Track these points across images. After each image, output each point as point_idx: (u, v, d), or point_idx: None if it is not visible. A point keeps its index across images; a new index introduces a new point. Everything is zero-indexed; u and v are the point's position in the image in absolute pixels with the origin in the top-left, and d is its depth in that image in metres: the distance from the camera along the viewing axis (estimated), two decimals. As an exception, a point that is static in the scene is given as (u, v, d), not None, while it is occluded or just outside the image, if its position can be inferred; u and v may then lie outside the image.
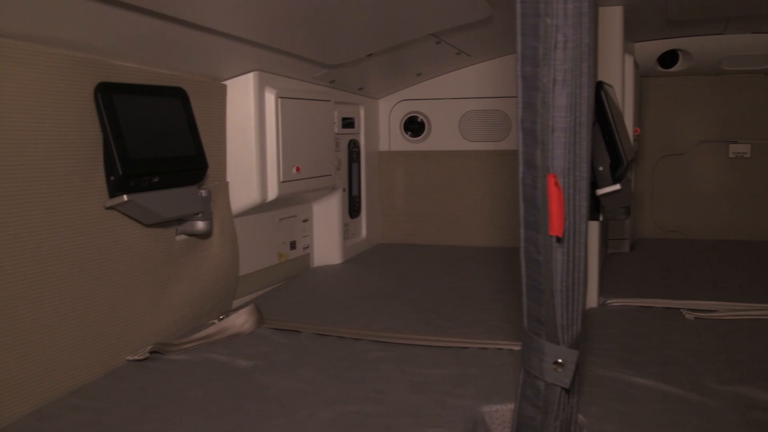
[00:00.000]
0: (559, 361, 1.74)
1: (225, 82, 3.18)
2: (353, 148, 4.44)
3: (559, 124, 1.59)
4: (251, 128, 3.23)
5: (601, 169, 2.83)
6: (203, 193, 2.86)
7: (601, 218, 3.17)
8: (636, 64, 4.39)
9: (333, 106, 3.98)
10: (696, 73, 5.06)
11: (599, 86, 2.80)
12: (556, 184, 1.58)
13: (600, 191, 2.87)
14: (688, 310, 3.18)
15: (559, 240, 1.65)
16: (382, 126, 4.93)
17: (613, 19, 3.52)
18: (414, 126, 4.92)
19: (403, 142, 4.94)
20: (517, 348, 2.59)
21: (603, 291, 3.43)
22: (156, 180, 2.57)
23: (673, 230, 5.26)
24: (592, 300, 3.26)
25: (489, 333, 2.86)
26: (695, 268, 4.15)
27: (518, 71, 1.63)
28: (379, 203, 4.94)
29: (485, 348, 2.68)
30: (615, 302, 3.33)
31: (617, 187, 2.85)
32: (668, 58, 4.95)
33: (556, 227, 1.61)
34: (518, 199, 1.70)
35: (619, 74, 3.55)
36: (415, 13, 3.27)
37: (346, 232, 4.37)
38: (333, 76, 3.81)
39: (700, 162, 5.22)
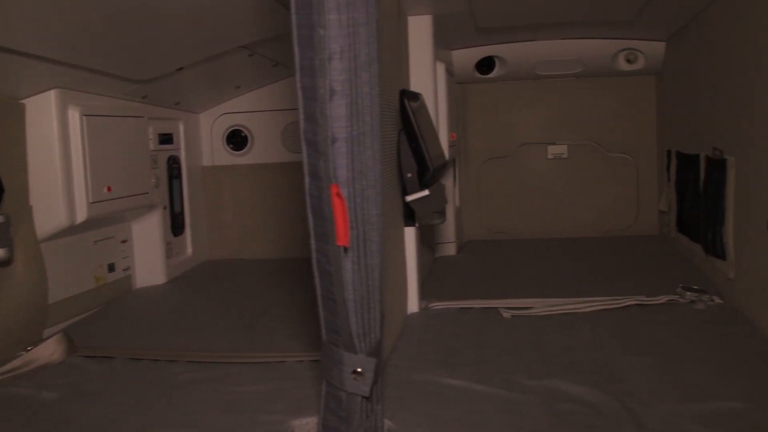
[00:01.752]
0: (358, 370, 1.75)
1: (23, 101, 3.03)
2: (173, 164, 4.33)
3: (340, 135, 1.60)
4: (54, 148, 3.09)
5: (409, 175, 2.87)
6: (0, 219, 2.72)
7: (417, 224, 3.22)
8: (451, 72, 4.50)
9: (147, 122, 3.87)
10: (513, 79, 5.23)
11: (403, 95, 2.84)
12: (338, 194, 1.59)
13: (409, 197, 2.90)
14: (506, 308, 3.27)
15: (346, 250, 1.65)
16: (204, 140, 4.84)
17: (422, 28, 3.59)
18: (237, 139, 4.85)
19: (227, 156, 4.87)
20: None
21: (425, 295, 3.48)
22: (-57, 208, 2.42)
23: (500, 231, 5.40)
24: (413, 305, 3.30)
25: (308, 345, 2.85)
26: (518, 267, 4.29)
27: (297, 83, 1.62)
28: (205, 219, 4.84)
29: (302, 361, 2.66)
30: (437, 305, 3.38)
31: (426, 192, 2.89)
32: (485, 65, 5.10)
33: (341, 237, 1.62)
34: (306, 210, 1.69)
35: (431, 81, 3.62)
36: (222, 26, 3.23)
37: (170, 251, 4.25)
38: (144, 91, 3.70)
39: (522, 164, 5.39)
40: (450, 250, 4.74)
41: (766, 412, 2.11)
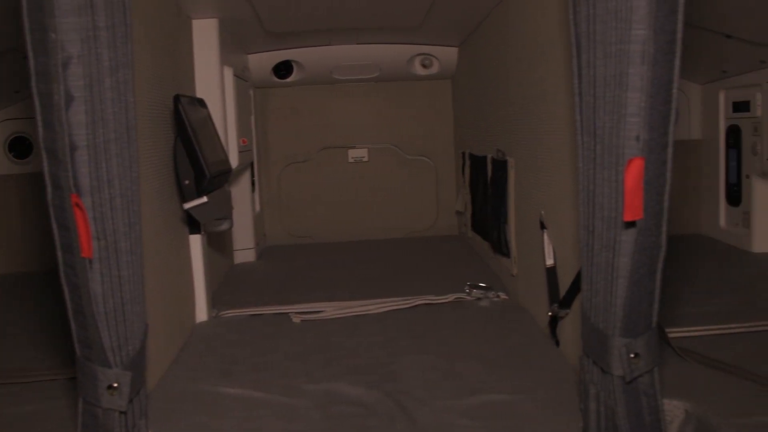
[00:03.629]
0: (114, 385, 1.69)
1: None
2: (-54, 174, 4.06)
3: (80, 142, 1.54)
4: None
5: (186, 182, 2.81)
6: None
7: (202, 231, 3.16)
8: (245, 76, 4.45)
9: None
10: (312, 83, 5.25)
11: (177, 100, 2.77)
12: (77, 204, 1.53)
13: (187, 205, 2.84)
14: (296, 313, 3.27)
15: (91, 262, 1.59)
16: (-17, 149, 4.55)
17: (207, 32, 3.52)
18: (21, 147, 4.59)
19: (10, 165, 4.59)
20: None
21: (217, 302, 3.44)
22: None
23: (303, 236, 5.41)
24: (203, 313, 3.24)
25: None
26: (316, 272, 4.29)
27: (33, 88, 1.55)
28: None
29: (74, 378, 2.53)
30: (228, 313, 3.34)
31: (204, 199, 2.84)
32: (283, 69, 5.09)
33: (85, 249, 1.56)
34: (51, 222, 1.63)
35: (217, 86, 3.56)
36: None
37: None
38: None
39: (323, 167, 5.42)
40: (249, 256, 4.69)
41: (529, 402, 2.22)
